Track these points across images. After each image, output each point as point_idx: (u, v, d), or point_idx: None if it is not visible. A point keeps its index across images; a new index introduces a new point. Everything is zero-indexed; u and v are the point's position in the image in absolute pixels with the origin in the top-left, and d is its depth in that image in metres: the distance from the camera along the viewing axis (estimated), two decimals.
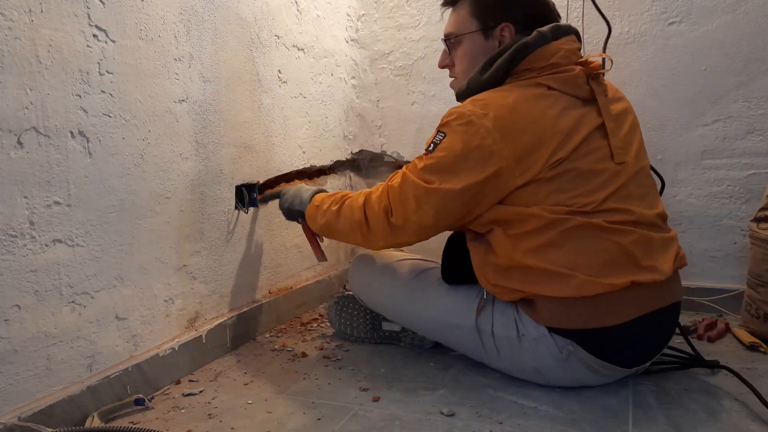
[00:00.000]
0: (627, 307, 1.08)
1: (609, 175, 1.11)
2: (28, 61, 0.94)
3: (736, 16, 1.64)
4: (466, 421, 1.05)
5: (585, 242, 1.08)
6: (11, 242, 0.93)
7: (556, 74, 1.14)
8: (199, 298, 1.35)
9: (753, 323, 1.46)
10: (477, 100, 1.13)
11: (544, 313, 1.10)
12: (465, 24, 1.24)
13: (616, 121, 1.16)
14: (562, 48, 1.15)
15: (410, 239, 1.19)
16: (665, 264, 1.11)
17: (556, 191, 1.09)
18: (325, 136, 1.88)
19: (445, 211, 1.12)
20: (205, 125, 1.33)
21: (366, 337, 1.46)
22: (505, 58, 1.15)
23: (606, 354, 1.10)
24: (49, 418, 0.97)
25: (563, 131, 1.10)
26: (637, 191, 1.14)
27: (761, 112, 1.64)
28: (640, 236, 1.10)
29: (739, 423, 1.03)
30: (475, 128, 1.09)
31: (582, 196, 1.09)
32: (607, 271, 1.07)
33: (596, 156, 1.11)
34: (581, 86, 1.15)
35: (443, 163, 1.11)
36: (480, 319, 1.18)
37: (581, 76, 1.15)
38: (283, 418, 1.07)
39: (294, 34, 1.68)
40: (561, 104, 1.12)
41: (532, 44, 1.14)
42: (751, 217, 1.55)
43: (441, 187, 1.11)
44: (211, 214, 1.37)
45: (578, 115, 1.12)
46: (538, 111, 1.10)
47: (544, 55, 1.14)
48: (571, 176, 1.09)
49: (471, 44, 1.24)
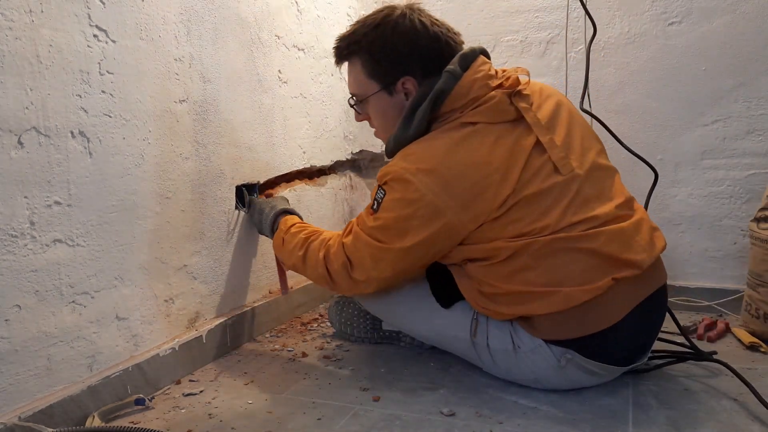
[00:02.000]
0: (617, 305, 1.08)
1: (559, 189, 1.09)
2: (29, 61, 0.94)
3: (736, 16, 1.64)
4: (466, 421, 1.05)
5: (558, 258, 1.07)
6: (12, 242, 0.93)
7: (479, 107, 1.11)
8: (200, 298, 1.35)
9: (753, 323, 1.46)
10: (407, 155, 1.12)
11: (540, 327, 1.10)
12: (365, 86, 1.22)
13: (551, 128, 1.13)
14: (475, 79, 1.12)
15: (371, 290, 1.22)
16: (642, 252, 1.09)
17: (511, 223, 1.08)
18: (326, 136, 1.88)
19: (402, 265, 1.15)
20: (205, 125, 1.34)
21: (366, 337, 1.46)
22: (424, 109, 1.13)
23: (603, 355, 1.10)
24: (50, 418, 0.97)
25: (501, 167, 1.08)
26: (592, 191, 1.12)
27: (761, 112, 1.64)
28: (609, 234, 1.08)
29: (739, 423, 1.03)
30: (413, 186, 1.07)
31: (537, 221, 1.07)
32: (588, 277, 1.06)
33: (541, 176, 1.09)
34: (506, 110, 1.12)
35: (389, 224, 1.11)
36: (475, 333, 1.19)
37: (503, 100, 1.11)
38: (283, 418, 1.07)
39: (294, 34, 1.68)
40: (491, 138, 1.09)
41: (446, 88, 1.11)
42: (751, 217, 1.55)
43: (392, 246, 1.12)
44: (211, 214, 1.37)
45: (511, 143, 1.10)
46: (470, 153, 1.08)
47: (460, 93, 1.12)
48: (521, 206, 1.08)
49: (378, 102, 1.22)
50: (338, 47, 1.24)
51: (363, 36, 1.19)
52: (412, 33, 1.16)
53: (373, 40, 1.18)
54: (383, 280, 1.18)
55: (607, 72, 1.78)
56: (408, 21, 1.16)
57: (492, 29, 1.91)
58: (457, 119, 1.12)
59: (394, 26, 1.17)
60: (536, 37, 1.87)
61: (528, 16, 1.88)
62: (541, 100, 1.18)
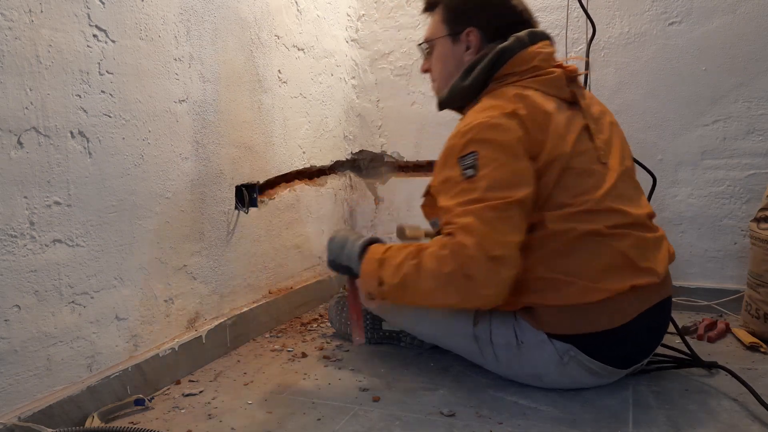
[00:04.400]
0: (626, 309, 1.09)
1: (600, 175, 1.12)
2: (28, 61, 0.94)
3: (736, 16, 1.64)
4: (466, 422, 1.05)
5: (588, 248, 1.08)
6: (11, 242, 0.93)
7: (538, 77, 1.15)
8: (199, 298, 1.35)
9: (753, 323, 1.46)
10: (484, 109, 1.12)
11: (544, 320, 1.10)
12: (436, 30, 1.29)
13: (597, 124, 1.18)
14: (540, 51, 1.17)
15: (517, 267, 1.05)
16: (660, 265, 1.12)
17: (558, 191, 1.09)
18: (325, 136, 1.88)
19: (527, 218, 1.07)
20: (205, 125, 1.33)
21: (366, 337, 1.46)
22: (485, 64, 1.17)
23: (606, 356, 1.11)
24: (49, 418, 0.97)
25: (561, 128, 1.11)
26: (626, 192, 1.15)
27: (761, 112, 1.64)
28: (636, 239, 1.10)
29: (738, 423, 1.03)
30: (504, 128, 1.08)
31: (582, 194, 1.10)
32: (608, 276, 1.07)
33: (587, 157, 1.13)
34: (563, 88, 1.16)
35: (500, 173, 1.05)
36: (478, 327, 1.18)
37: (562, 78, 1.17)
38: (283, 418, 1.07)
39: (294, 34, 1.68)
40: (553, 102, 1.14)
41: (510, 49, 1.16)
42: (751, 218, 1.55)
43: (515, 196, 1.04)
44: (211, 214, 1.37)
45: (568, 115, 1.14)
46: (538, 103, 1.11)
47: (524, 59, 1.16)
48: (570, 175, 1.10)
49: (441, 49, 1.28)
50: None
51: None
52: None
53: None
54: (521, 248, 1.05)
55: (607, 72, 1.78)
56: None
57: None
58: (517, 82, 1.15)
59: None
60: None
61: None
62: (591, 101, 1.23)
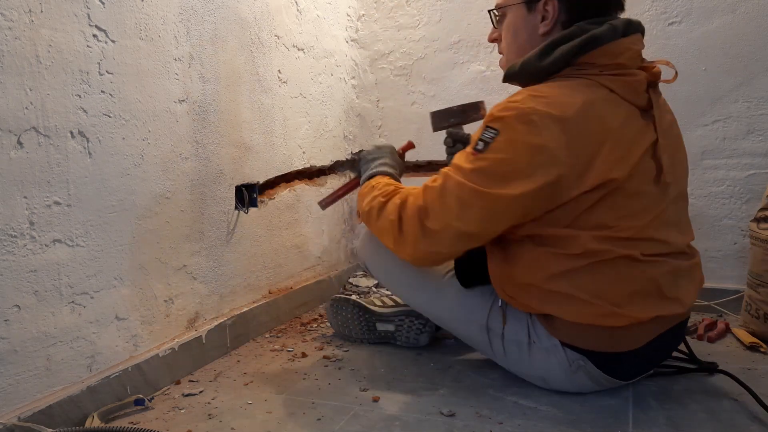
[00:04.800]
0: (646, 335, 1.07)
1: (652, 198, 1.04)
2: (28, 61, 0.94)
3: (736, 16, 1.64)
4: (466, 422, 1.05)
5: (618, 272, 1.02)
6: (11, 242, 0.93)
7: (619, 76, 1.04)
8: (199, 298, 1.35)
9: (753, 323, 1.46)
10: (538, 96, 1.01)
11: (561, 329, 1.08)
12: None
13: (667, 138, 1.07)
14: (630, 48, 1.05)
15: (443, 249, 1.06)
16: (689, 296, 1.08)
17: (603, 211, 1.01)
18: (325, 136, 1.88)
19: (493, 220, 1.02)
20: (205, 125, 1.33)
21: (362, 338, 1.46)
22: (572, 46, 1.04)
23: (615, 371, 1.10)
24: (49, 418, 0.97)
25: (624, 145, 1.01)
26: (674, 217, 1.09)
27: (761, 112, 1.64)
28: (671, 267, 1.05)
29: (739, 423, 1.03)
30: (537, 129, 0.98)
31: (627, 218, 1.02)
32: (633, 302, 1.03)
33: (645, 177, 1.03)
34: (641, 94, 1.06)
35: (495, 166, 1.00)
36: (491, 318, 1.16)
37: (643, 83, 1.06)
38: (283, 418, 1.07)
39: (294, 34, 1.68)
40: (623, 113, 1.03)
41: (603, 37, 1.03)
42: (751, 218, 1.55)
43: (493, 191, 0.99)
44: (211, 214, 1.37)
45: (637, 128, 1.03)
46: (604, 117, 1.00)
47: (612, 52, 1.04)
48: (620, 195, 1.01)
49: (514, 17, 1.16)
50: None
51: None
52: None
53: None
54: (460, 237, 1.04)
55: None
56: None
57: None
58: (595, 76, 1.04)
59: None
60: None
61: None
62: (664, 108, 1.13)
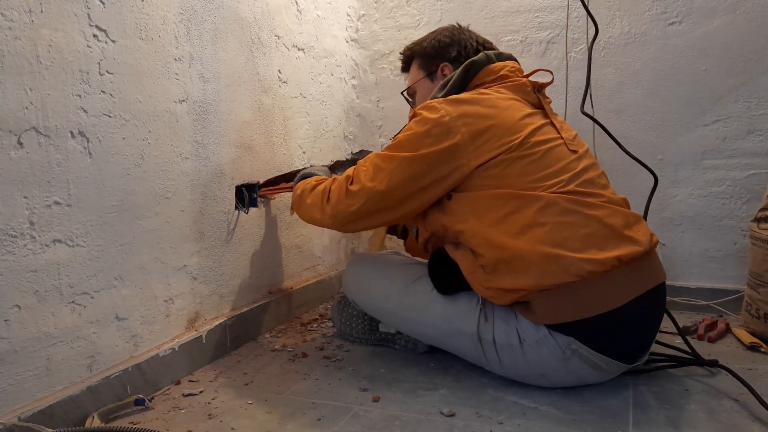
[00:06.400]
0: (617, 290, 1.09)
1: (569, 160, 1.18)
2: (29, 61, 0.94)
3: (736, 16, 1.65)
4: (466, 422, 1.05)
5: (565, 218, 1.11)
6: (11, 242, 0.93)
7: (506, 83, 1.27)
8: (199, 298, 1.35)
9: (753, 323, 1.46)
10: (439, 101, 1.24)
11: (541, 311, 1.10)
12: (415, 76, 1.45)
13: (562, 126, 1.26)
14: (506, 65, 1.30)
15: (357, 207, 1.22)
16: (643, 235, 1.15)
17: (522, 172, 1.15)
18: (325, 136, 1.88)
19: (399, 179, 1.19)
20: (205, 125, 1.33)
21: (363, 338, 1.46)
22: (457, 75, 1.29)
23: (605, 346, 1.11)
24: (49, 418, 0.97)
25: (516, 117, 1.20)
26: (599, 181, 1.20)
27: (761, 112, 1.64)
28: (614, 210, 1.14)
29: (739, 423, 1.03)
30: (435, 110, 1.20)
31: (549, 177, 1.15)
32: (592, 244, 1.09)
33: (552, 144, 1.20)
34: (530, 93, 1.27)
35: (403, 140, 1.21)
36: (481, 327, 1.18)
37: (528, 85, 1.28)
38: (283, 418, 1.07)
39: (294, 34, 1.68)
40: (513, 99, 1.24)
41: (479, 61, 1.29)
42: (751, 218, 1.55)
43: (399, 154, 1.20)
44: (211, 214, 1.37)
45: (530, 111, 1.24)
46: (493, 101, 1.21)
47: (492, 70, 1.29)
48: (534, 158, 1.16)
49: (422, 90, 1.43)
50: (402, 54, 1.49)
51: (419, 40, 1.46)
52: (456, 30, 1.42)
53: (425, 39, 1.44)
54: (371, 194, 1.21)
55: (607, 72, 1.78)
56: (455, 27, 1.43)
57: (492, 29, 1.91)
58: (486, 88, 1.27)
59: (442, 29, 1.44)
60: (536, 37, 1.87)
61: (528, 16, 1.88)
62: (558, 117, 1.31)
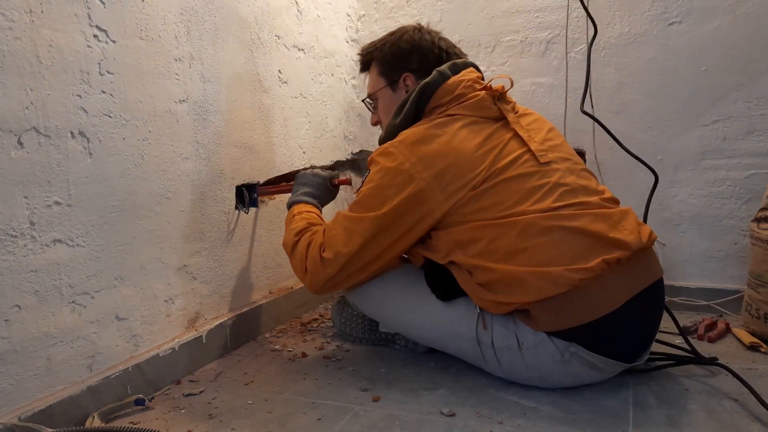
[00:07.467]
0: (612, 293, 1.09)
1: (540, 175, 1.16)
2: (29, 61, 0.94)
3: (736, 16, 1.65)
4: (466, 421, 1.05)
5: (546, 237, 1.10)
6: (11, 242, 0.93)
7: (462, 103, 1.23)
8: (200, 298, 1.35)
9: (753, 323, 1.46)
10: (396, 137, 1.23)
11: (540, 320, 1.10)
12: (376, 83, 1.40)
13: (531, 130, 1.23)
14: (462, 80, 1.25)
15: (335, 273, 1.21)
16: (630, 233, 1.12)
17: (494, 203, 1.13)
18: (326, 136, 1.88)
19: (370, 237, 1.18)
20: (205, 125, 1.34)
21: (363, 338, 1.46)
22: (411, 100, 1.26)
23: (604, 348, 1.10)
24: (50, 418, 0.97)
25: (476, 146, 1.17)
26: (577, 183, 1.18)
27: (761, 112, 1.64)
28: (595, 214, 1.12)
29: (739, 423, 1.03)
30: (393, 156, 1.19)
31: (523, 200, 1.13)
32: (578, 257, 1.08)
33: (520, 162, 1.17)
34: (489, 107, 1.23)
35: (367, 195, 1.20)
36: (479, 331, 1.18)
37: (487, 98, 1.23)
38: (283, 418, 1.07)
39: (294, 34, 1.68)
40: (470, 126, 1.20)
41: (432, 83, 1.25)
42: (751, 218, 1.55)
43: (367, 215, 1.18)
44: (211, 214, 1.37)
45: (489, 132, 1.20)
46: (449, 135, 1.18)
47: (448, 90, 1.25)
48: (503, 185, 1.14)
49: (384, 99, 1.39)
50: (361, 55, 1.44)
51: (379, 42, 1.40)
52: (417, 36, 1.36)
53: (385, 43, 1.38)
54: (350, 258, 1.19)
55: (607, 72, 1.78)
56: (416, 30, 1.37)
57: (492, 29, 1.91)
58: (443, 112, 1.24)
59: (403, 33, 1.37)
60: (536, 37, 1.87)
61: (528, 16, 1.88)
62: (525, 112, 1.30)
